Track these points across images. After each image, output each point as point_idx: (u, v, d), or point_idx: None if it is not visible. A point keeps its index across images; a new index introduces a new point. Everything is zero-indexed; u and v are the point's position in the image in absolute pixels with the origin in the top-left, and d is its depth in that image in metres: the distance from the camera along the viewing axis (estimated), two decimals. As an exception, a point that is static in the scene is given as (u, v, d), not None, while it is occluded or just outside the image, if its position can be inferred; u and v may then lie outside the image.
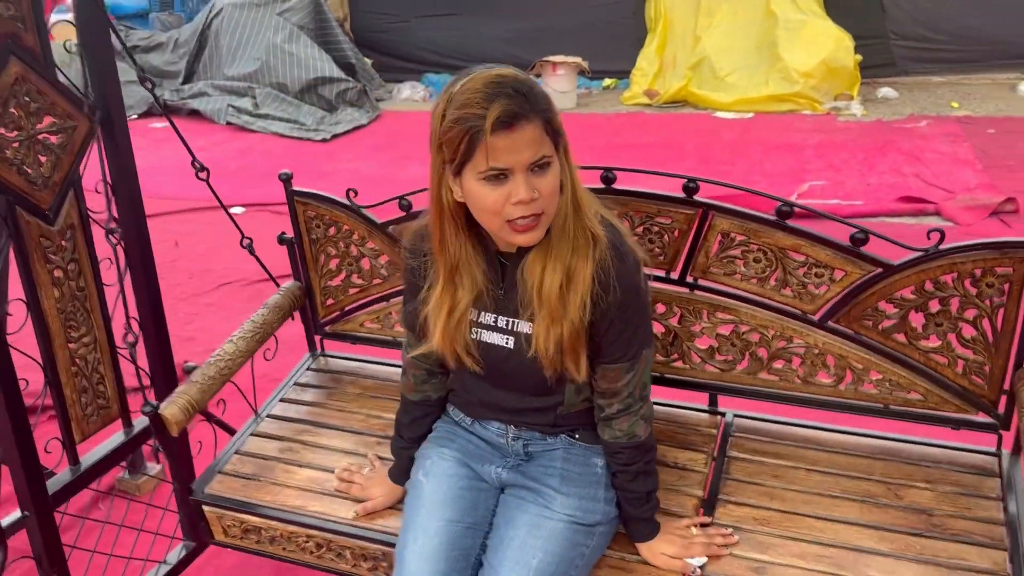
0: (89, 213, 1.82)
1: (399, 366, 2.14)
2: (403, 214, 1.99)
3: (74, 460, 1.88)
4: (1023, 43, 7.94)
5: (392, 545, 1.68)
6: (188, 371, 1.91)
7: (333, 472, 1.85)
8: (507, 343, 1.53)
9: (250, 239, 2.12)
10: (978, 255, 1.60)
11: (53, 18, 7.84)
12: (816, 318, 1.75)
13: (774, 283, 1.75)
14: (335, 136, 7.06)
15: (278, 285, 2.17)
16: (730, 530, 1.61)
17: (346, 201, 2.03)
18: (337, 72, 7.65)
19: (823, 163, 5.95)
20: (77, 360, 1.81)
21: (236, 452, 1.96)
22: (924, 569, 1.50)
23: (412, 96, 8.35)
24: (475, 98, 1.32)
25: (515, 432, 1.64)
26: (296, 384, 2.17)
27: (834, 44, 7.12)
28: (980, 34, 8.01)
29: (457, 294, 1.51)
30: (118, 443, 1.98)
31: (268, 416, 2.07)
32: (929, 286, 1.65)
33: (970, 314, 1.65)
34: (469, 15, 8.79)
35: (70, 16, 1.77)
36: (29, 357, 1.75)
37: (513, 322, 1.52)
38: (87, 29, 1.77)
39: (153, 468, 2.66)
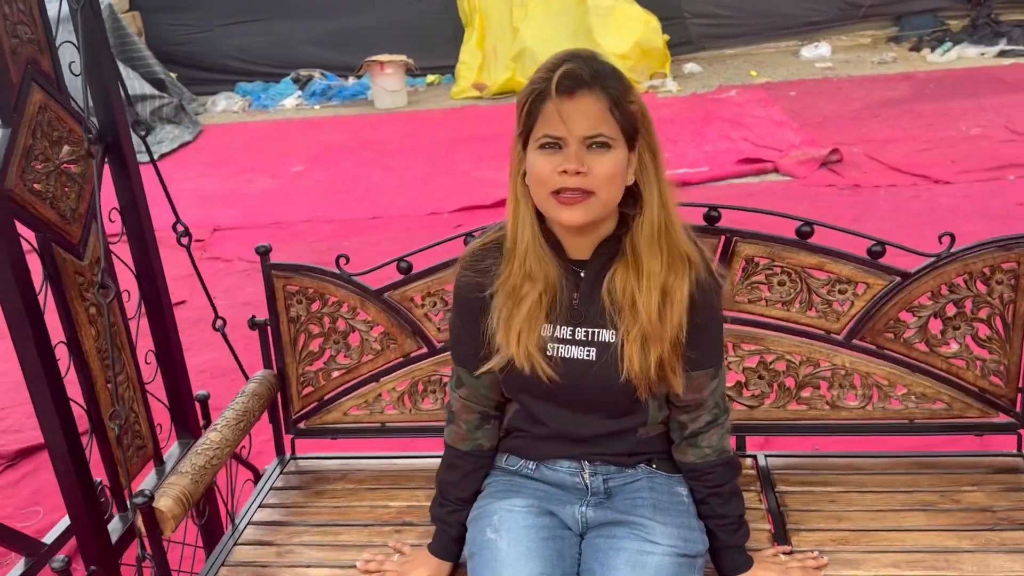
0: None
1: (391, 457, 1.98)
2: (401, 277, 1.84)
3: (123, 506, 1.73)
4: (797, 14, 8.73)
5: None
6: (200, 400, 1.87)
7: (355, 567, 1.63)
8: (588, 355, 1.44)
9: (223, 320, 1.88)
10: (986, 252, 1.70)
11: None
12: (841, 337, 1.78)
13: (799, 306, 1.77)
14: (162, 156, 6.57)
15: (246, 377, 1.93)
16: (816, 552, 1.57)
17: (336, 270, 1.84)
18: (148, 89, 7.13)
19: (661, 137, 6.17)
20: (119, 399, 1.67)
21: (223, 564, 1.68)
22: (1015, 557, 1.53)
23: (230, 107, 7.94)
24: (546, 65, 1.37)
25: (591, 468, 1.52)
26: (273, 488, 1.92)
27: (644, 26, 7.48)
28: (761, 7, 8.71)
29: (532, 291, 1.42)
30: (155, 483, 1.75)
31: (250, 523, 1.80)
32: (944, 290, 1.73)
33: (984, 313, 1.74)
34: (278, 20, 8.48)
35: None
36: (74, 403, 1.62)
37: (593, 332, 1.44)
38: (90, 45, 1.61)
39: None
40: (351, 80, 8.26)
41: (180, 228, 1.79)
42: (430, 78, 8.46)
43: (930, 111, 6.39)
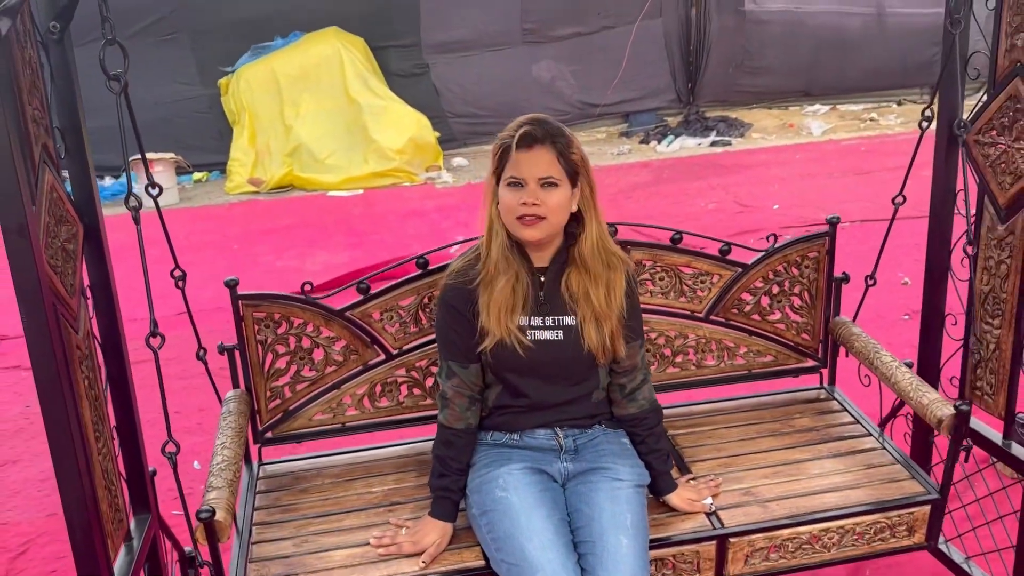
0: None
1: (355, 451, 2.27)
2: (360, 297, 2.16)
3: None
4: (543, 111, 9.71)
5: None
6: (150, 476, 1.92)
7: (368, 544, 1.92)
8: (557, 336, 1.91)
9: (204, 349, 2.06)
10: (798, 246, 2.38)
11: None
12: (702, 315, 2.37)
13: (673, 295, 2.34)
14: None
15: (220, 400, 2.14)
16: (712, 476, 2.11)
17: (300, 295, 2.13)
18: None
19: (453, 222, 6.78)
20: (104, 472, 1.70)
21: (249, 561, 1.90)
22: (839, 459, 2.18)
23: None
24: (512, 125, 1.89)
25: (563, 432, 1.97)
26: (258, 493, 2.14)
27: (415, 124, 8.11)
28: (511, 108, 9.64)
29: (503, 280, 1.88)
30: (126, 561, 1.78)
31: (254, 524, 2.02)
32: (771, 275, 2.38)
33: (797, 289, 2.41)
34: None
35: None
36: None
37: (559, 319, 1.92)
38: (68, 132, 1.74)
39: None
40: (108, 180, 8.05)
41: (177, 272, 1.97)
42: (197, 175, 8.47)
43: (673, 191, 7.52)
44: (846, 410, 2.39)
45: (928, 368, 2.37)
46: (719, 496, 2.05)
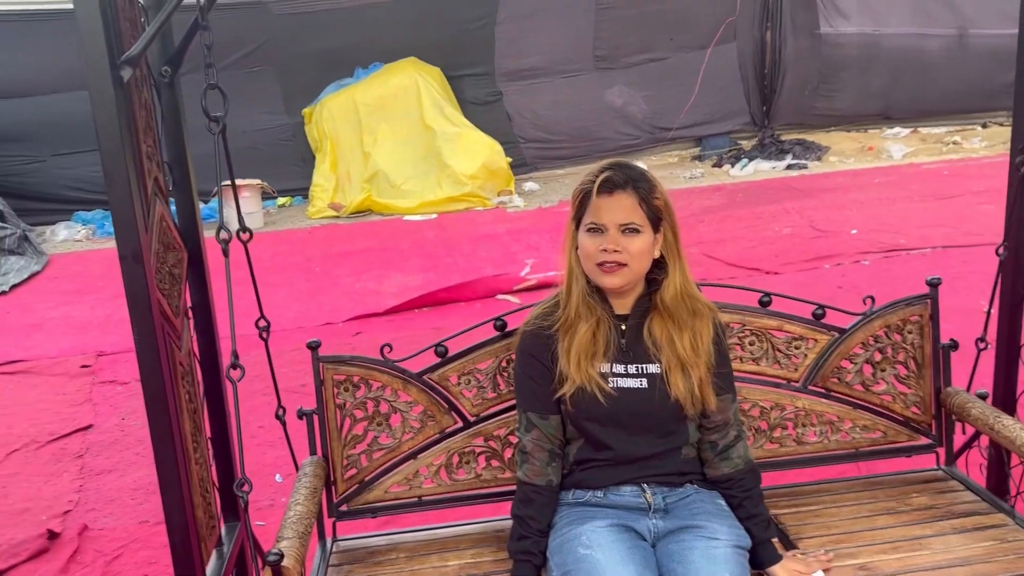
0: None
1: (432, 528, 2.16)
2: (438, 360, 2.09)
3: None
4: (614, 137, 9.72)
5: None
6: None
7: None
8: (641, 384, 1.82)
9: (283, 409, 2.02)
10: (898, 309, 2.22)
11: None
12: (799, 384, 2.21)
13: (766, 361, 2.19)
14: (13, 287, 6.37)
15: (296, 465, 2.08)
16: (824, 550, 1.93)
17: (380, 358, 2.07)
18: (-14, 222, 6.86)
19: (523, 245, 6.75)
20: (200, 481, 1.77)
21: (320, 641, 1.83)
22: (967, 535, 1.99)
23: (72, 236, 7.81)
24: (593, 171, 1.84)
25: (651, 489, 1.85)
26: (330, 566, 2.05)
27: (488, 150, 8.12)
28: (583, 133, 9.63)
29: (583, 325, 1.82)
30: (217, 565, 1.85)
31: (327, 601, 1.95)
32: (871, 341, 2.22)
33: (901, 356, 2.23)
34: (119, 148, 8.39)
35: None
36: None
37: (642, 367, 1.83)
38: (175, 166, 1.84)
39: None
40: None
41: (263, 323, 1.94)
42: (281, 200, 8.66)
43: (746, 215, 7.32)
44: (969, 489, 2.19)
45: (1004, 397, 2.30)
46: (831, 571, 1.87)
